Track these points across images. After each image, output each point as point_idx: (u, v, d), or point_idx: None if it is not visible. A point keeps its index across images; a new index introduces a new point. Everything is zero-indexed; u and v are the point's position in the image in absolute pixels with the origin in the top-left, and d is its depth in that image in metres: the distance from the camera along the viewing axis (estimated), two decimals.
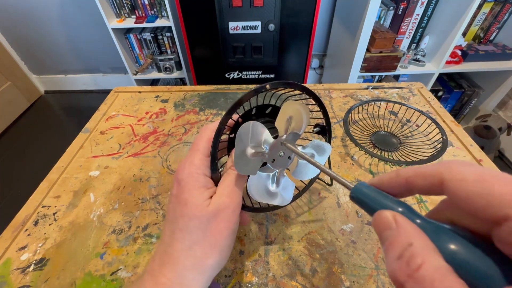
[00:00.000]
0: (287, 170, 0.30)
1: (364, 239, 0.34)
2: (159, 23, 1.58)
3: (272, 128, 0.27)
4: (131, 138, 0.50)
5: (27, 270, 0.32)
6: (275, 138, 0.25)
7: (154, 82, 1.90)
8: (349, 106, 0.55)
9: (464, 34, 1.50)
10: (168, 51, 1.76)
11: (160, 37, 1.69)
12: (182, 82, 1.90)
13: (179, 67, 1.77)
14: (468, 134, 0.48)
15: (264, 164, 0.27)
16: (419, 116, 0.50)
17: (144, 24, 1.58)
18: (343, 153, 0.46)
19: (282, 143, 0.25)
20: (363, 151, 0.44)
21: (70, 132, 1.81)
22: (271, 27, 1.31)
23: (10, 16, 1.75)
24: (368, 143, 0.47)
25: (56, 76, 2.10)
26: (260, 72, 1.52)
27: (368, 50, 1.37)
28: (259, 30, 1.33)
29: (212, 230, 0.22)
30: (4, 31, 1.83)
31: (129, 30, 1.69)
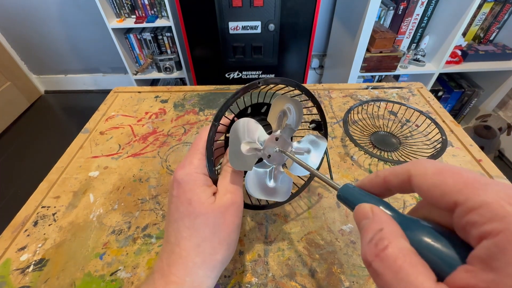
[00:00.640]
0: (285, 166, 0.30)
1: None
2: (159, 23, 1.58)
3: (268, 125, 0.27)
4: (131, 139, 0.50)
5: (27, 270, 0.32)
6: (270, 134, 0.25)
7: (154, 82, 1.90)
8: (348, 106, 0.55)
9: (464, 34, 1.50)
10: (168, 51, 1.76)
11: (160, 37, 1.69)
12: (182, 82, 1.90)
13: (179, 67, 1.77)
14: (468, 134, 0.48)
15: (261, 160, 0.27)
16: (419, 116, 0.50)
17: (144, 24, 1.58)
18: (342, 153, 0.46)
19: (277, 139, 0.25)
20: (362, 151, 0.44)
21: (70, 132, 1.81)
22: (271, 27, 1.31)
23: (10, 16, 1.75)
24: (368, 143, 0.47)
25: (56, 76, 2.10)
26: (260, 72, 1.52)
27: (368, 50, 1.37)
28: (259, 30, 1.33)
29: (219, 226, 0.23)
30: (4, 31, 1.83)
31: (129, 30, 1.69)
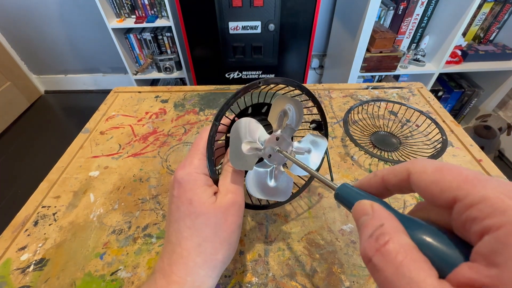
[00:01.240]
0: (286, 166, 0.30)
1: None
2: (159, 23, 1.58)
3: (268, 125, 0.27)
4: (131, 138, 0.50)
5: (27, 270, 0.32)
6: (271, 134, 0.26)
7: (154, 82, 1.89)
8: (349, 106, 0.55)
9: (464, 34, 1.50)
10: (168, 51, 1.76)
11: (160, 37, 1.69)
12: (182, 82, 1.90)
13: (179, 67, 1.77)
14: (468, 134, 0.48)
15: (261, 160, 0.27)
16: (419, 116, 0.50)
17: (144, 24, 1.58)
18: (343, 153, 0.46)
19: (278, 138, 0.25)
20: (363, 151, 0.44)
21: (70, 132, 1.81)
22: (271, 27, 1.31)
23: (10, 16, 1.75)
24: (368, 143, 0.47)
25: (56, 76, 2.10)
26: (260, 72, 1.52)
27: (368, 50, 1.37)
28: (259, 30, 1.33)
29: (221, 226, 0.23)
30: (4, 31, 1.83)
31: (129, 30, 1.69)
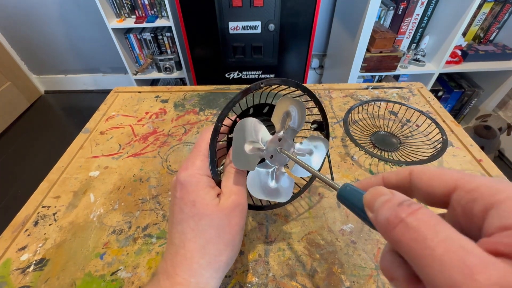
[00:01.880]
0: (287, 167, 0.30)
1: (364, 239, 0.34)
2: (159, 23, 1.58)
3: (270, 126, 0.27)
4: (131, 138, 0.50)
5: (27, 270, 0.32)
6: (273, 134, 0.25)
7: (154, 82, 1.89)
8: (349, 106, 0.55)
9: (464, 34, 1.50)
10: (168, 51, 1.76)
11: (160, 37, 1.69)
12: (182, 82, 1.90)
13: (179, 67, 1.77)
14: (468, 134, 0.48)
15: (263, 161, 0.27)
16: (419, 116, 0.50)
17: (144, 24, 1.58)
18: (343, 153, 0.46)
19: (280, 139, 0.25)
20: (363, 151, 0.44)
21: (70, 132, 1.81)
22: (271, 27, 1.31)
23: (10, 16, 1.75)
24: (368, 143, 0.47)
25: (56, 76, 2.10)
26: (260, 72, 1.52)
27: (368, 50, 1.37)
28: (259, 30, 1.33)
29: (224, 228, 0.23)
30: (4, 31, 1.83)
31: (129, 30, 1.69)
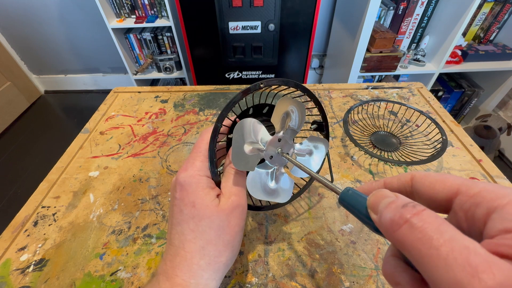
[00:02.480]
0: (286, 167, 0.30)
1: (364, 239, 0.34)
2: (159, 23, 1.58)
3: (270, 126, 0.27)
4: (131, 139, 0.50)
5: (27, 270, 0.32)
6: (273, 135, 0.25)
7: (154, 82, 1.89)
8: (349, 106, 0.55)
9: (464, 34, 1.50)
10: (168, 51, 1.76)
11: (160, 37, 1.69)
12: (182, 82, 1.90)
13: (179, 67, 1.77)
14: (468, 134, 0.48)
15: (262, 161, 0.27)
16: (419, 116, 0.49)
17: (144, 24, 1.58)
18: (342, 153, 0.46)
19: (280, 140, 0.25)
20: (363, 151, 0.44)
21: (70, 132, 1.81)
22: (271, 27, 1.31)
23: (10, 16, 1.75)
24: (368, 143, 0.47)
25: (56, 76, 2.10)
26: (260, 72, 1.52)
27: (368, 50, 1.37)
28: (259, 30, 1.33)
29: (224, 229, 0.23)
30: (4, 31, 1.83)
31: (129, 30, 1.69)
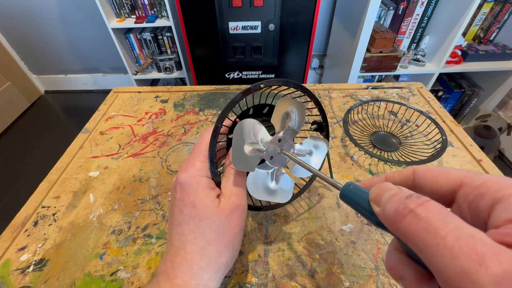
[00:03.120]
0: (286, 167, 0.30)
1: (364, 239, 0.34)
2: (159, 23, 1.58)
3: (270, 126, 0.27)
4: (131, 139, 0.50)
5: (27, 270, 0.32)
6: (273, 135, 0.25)
7: (154, 82, 1.89)
8: (348, 106, 0.55)
9: (464, 34, 1.50)
10: (168, 51, 1.76)
11: (160, 37, 1.69)
12: (182, 82, 1.90)
13: (179, 67, 1.77)
14: (468, 134, 0.48)
15: (263, 162, 0.27)
16: (419, 116, 0.50)
17: (144, 24, 1.58)
18: (342, 153, 0.46)
19: (280, 140, 0.25)
20: (362, 151, 0.44)
21: (70, 132, 1.81)
22: (271, 27, 1.31)
23: (10, 16, 1.75)
24: (368, 143, 0.47)
25: (56, 76, 2.10)
26: (260, 72, 1.52)
27: (368, 50, 1.37)
28: (259, 30, 1.33)
29: (224, 229, 0.23)
30: (4, 31, 1.83)
31: (129, 30, 1.69)
